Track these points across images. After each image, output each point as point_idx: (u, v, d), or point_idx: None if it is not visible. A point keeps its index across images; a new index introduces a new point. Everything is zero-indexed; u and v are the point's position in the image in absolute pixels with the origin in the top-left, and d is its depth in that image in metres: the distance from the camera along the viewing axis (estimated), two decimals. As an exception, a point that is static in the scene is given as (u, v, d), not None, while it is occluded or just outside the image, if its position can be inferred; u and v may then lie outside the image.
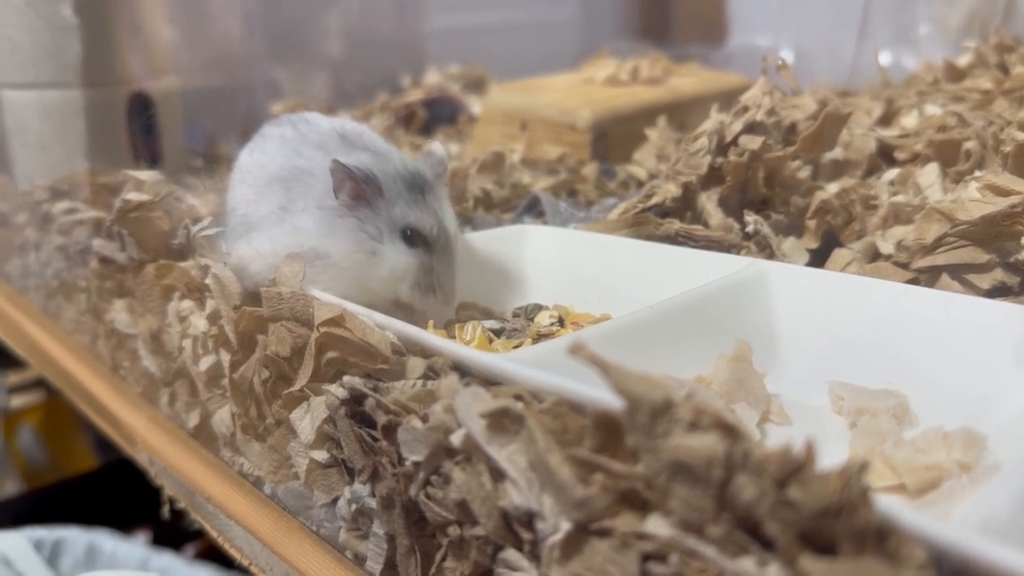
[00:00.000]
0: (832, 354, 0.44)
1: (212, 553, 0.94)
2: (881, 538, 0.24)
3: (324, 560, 0.43)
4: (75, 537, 0.80)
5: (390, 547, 0.38)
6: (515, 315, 0.52)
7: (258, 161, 0.52)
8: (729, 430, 0.26)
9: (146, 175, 0.57)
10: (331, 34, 1.18)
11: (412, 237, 0.48)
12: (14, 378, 1.14)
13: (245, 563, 0.49)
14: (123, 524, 0.95)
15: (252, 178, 0.52)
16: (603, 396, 0.30)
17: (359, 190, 0.48)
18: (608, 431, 0.30)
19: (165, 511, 0.58)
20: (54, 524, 0.82)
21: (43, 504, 1.03)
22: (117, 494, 1.01)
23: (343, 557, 0.43)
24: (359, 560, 0.41)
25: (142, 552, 0.82)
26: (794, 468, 0.25)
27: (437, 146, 0.53)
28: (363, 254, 0.48)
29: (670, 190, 0.58)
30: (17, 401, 1.15)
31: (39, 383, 1.13)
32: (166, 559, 0.82)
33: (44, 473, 1.14)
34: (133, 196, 0.55)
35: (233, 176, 0.54)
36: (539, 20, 1.65)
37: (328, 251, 0.47)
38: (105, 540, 0.81)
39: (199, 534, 1.01)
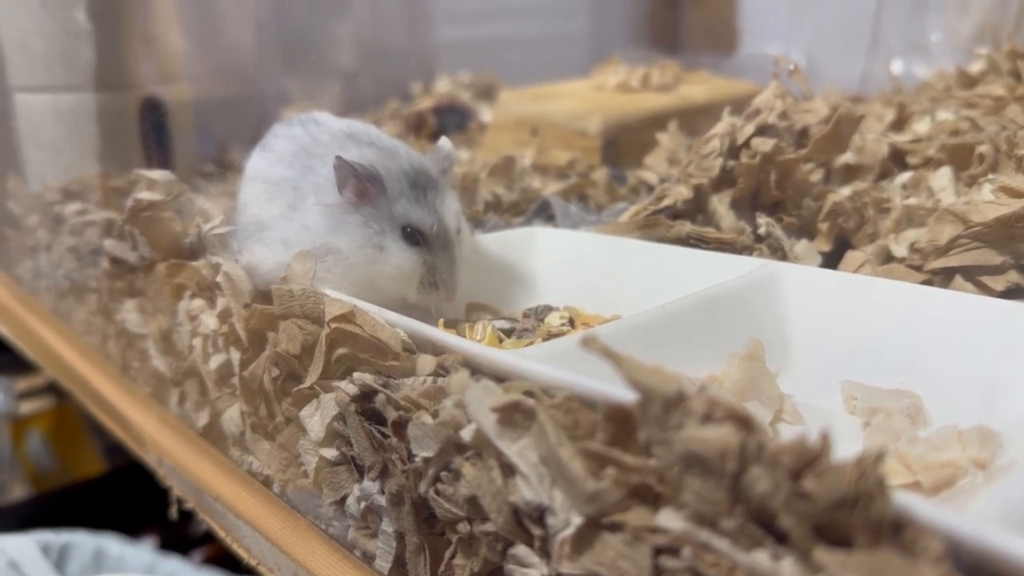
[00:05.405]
0: (844, 356, 0.44)
1: (219, 558, 0.94)
2: (897, 530, 0.24)
3: (333, 559, 0.43)
4: (82, 541, 0.80)
5: (399, 545, 0.38)
6: (525, 316, 0.52)
7: (268, 160, 0.53)
8: (743, 422, 0.26)
9: (158, 175, 0.57)
10: (342, 44, 1.18)
11: (412, 235, 0.49)
12: (23, 384, 1.14)
13: (253, 563, 0.49)
14: (130, 529, 0.94)
15: (263, 177, 0.52)
16: (615, 391, 0.30)
17: (362, 187, 0.48)
18: (620, 425, 0.30)
19: (173, 511, 0.58)
20: (62, 528, 0.82)
21: (51, 508, 1.03)
22: (125, 499, 1.01)
23: (352, 556, 0.42)
24: (368, 559, 0.41)
25: (149, 557, 0.82)
26: (809, 459, 0.24)
27: (444, 141, 0.53)
28: (371, 248, 0.48)
29: (681, 192, 0.57)
30: (26, 407, 1.15)
31: (48, 389, 1.14)
32: (173, 563, 0.81)
33: (52, 478, 1.14)
34: (145, 195, 0.55)
35: (244, 175, 0.54)
36: (550, 33, 1.65)
37: (338, 247, 0.48)
38: (112, 544, 0.81)
39: (206, 539, 1.01)
